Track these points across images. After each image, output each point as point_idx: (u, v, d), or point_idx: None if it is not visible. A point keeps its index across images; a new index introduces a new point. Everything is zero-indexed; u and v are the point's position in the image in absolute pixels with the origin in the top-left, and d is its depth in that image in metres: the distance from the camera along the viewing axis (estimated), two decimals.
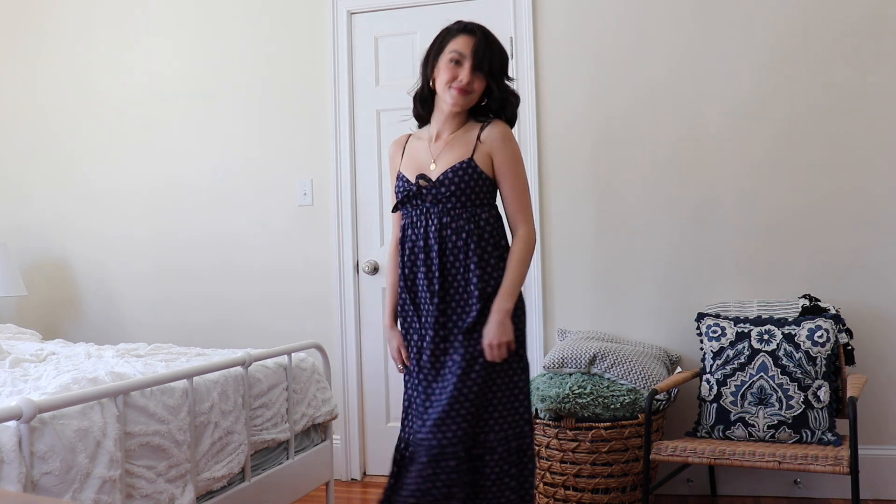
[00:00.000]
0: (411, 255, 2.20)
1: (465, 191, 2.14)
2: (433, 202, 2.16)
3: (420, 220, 2.19)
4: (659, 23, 3.39)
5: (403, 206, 2.23)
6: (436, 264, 2.15)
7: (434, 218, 2.16)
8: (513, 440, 2.16)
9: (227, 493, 2.32)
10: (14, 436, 1.67)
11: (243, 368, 2.45)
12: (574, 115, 3.47)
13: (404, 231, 2.23)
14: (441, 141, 2.22)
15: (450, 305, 2.16)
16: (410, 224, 2.21)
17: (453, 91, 2.14)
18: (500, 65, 2.17)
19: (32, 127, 4.23)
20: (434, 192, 2.15)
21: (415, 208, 2.20)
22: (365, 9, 3.72)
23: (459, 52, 2.13)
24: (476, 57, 2.12)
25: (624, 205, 3.41)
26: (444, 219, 2.16)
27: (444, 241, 2.16)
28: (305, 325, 3.75)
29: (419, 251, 2.18)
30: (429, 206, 2.17)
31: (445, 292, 2.15)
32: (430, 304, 2.16)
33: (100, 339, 3.95)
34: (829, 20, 3.23)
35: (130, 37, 4.07)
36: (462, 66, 2.13)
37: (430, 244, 2.16)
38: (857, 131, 3.19)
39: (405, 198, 2.21)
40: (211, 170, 3.92)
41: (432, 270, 2.16)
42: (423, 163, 2.22)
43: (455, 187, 2.14)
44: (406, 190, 2.20)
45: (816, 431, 2.74)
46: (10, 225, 4.24)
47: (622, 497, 2.94)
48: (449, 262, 2.15)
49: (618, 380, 3.03)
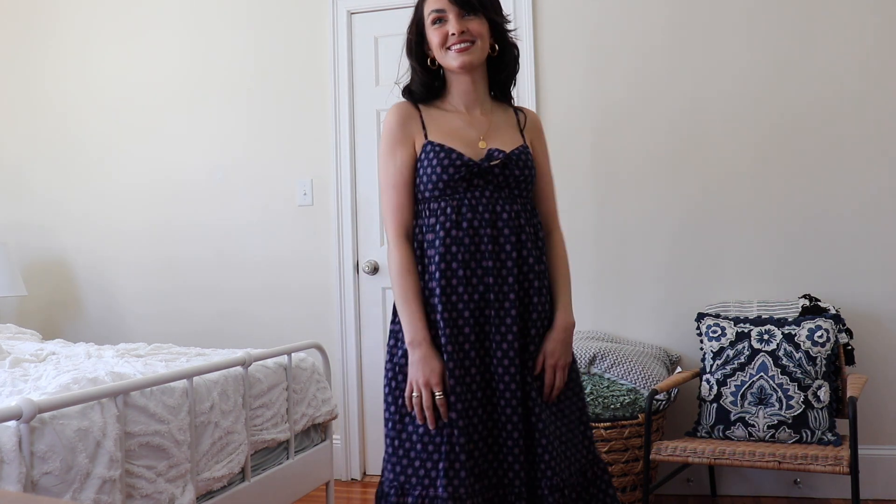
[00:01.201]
0: (472, 248, 1.75)
1: (531, 178, 1.83)
2: (500, 185, 1.78)
3: (483, 205, 1.77)
4: (659, 21, 3.39)
5: (456, 186, 1.77)
6: (513, 258, 1.76)
7: (504, 203, 1.78)
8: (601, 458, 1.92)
9: (227, 493, 2.32)
10: (14, 436, 1.67)
11: (243, 368, 2.45)
12: (573, 114, 3.47)
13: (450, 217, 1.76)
14: (479, 117, 1.86)
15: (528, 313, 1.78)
16: (468, 208, 1.76)
17: (452, 51, 1.79)
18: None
19: (32, 126, 4.23)
20: (507, 174, 1.78)
21: (472, 189, 1.77)
22: (365, 9, 3.72)
23: (436, 8, 1.81)
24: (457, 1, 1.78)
25: (624, 204, 3.41)
26: (514, 206, 1.79)
27: (519, 233, 1.78)
28: (305, 325, 3.75)
29: (482, 241, 1.75)
30: (492, 189, 1.78)
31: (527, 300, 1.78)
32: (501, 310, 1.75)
33: (100, 339, 3.95)
34: (833, 15, 3.22)
35: (132, 34, 4.07)
36: (446, 20, 1.79)
37: (497, 234, 1.76)
38: (858, 131, 3.19)
39: (465, 174, 1.76)
40: (211, 170, 3.92)
41: (506, 266, 1.76)
42: (469, 137, 1.82)
43: (528, 172, 1.81)
44: (467, 164, 1.76)
45: (816, 431, 2.74)
46: (10, 224, 4.24)
47: (622, 497, 2.94)
48: (522, 259, 1.78)
49: (618, 380, 3.03)
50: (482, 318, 1.75)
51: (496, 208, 1.77)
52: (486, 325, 1.75)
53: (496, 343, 1.74)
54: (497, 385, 1.74)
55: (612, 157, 3.43)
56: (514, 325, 1.74)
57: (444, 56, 1.81)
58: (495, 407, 1.74)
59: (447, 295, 1.74)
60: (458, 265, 1.75)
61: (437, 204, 1.78)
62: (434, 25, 1.81)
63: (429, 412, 1.71)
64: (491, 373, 1.75)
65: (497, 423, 1.74)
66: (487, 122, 1.85)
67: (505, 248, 1.76)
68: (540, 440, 1.72)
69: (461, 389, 1.71)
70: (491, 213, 1.77)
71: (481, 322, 1.75)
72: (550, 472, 1.71)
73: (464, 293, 1.74)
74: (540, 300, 1.79)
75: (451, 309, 1.74)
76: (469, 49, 1.78)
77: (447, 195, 1.78)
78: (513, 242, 1.76)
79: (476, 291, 1.75)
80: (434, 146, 1.79)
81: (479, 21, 1.79)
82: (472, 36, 1.78)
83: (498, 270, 1.75)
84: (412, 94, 1.88)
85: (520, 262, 1.77)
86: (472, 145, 1.80)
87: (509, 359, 1.73)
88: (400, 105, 1.88)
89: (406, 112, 1.86)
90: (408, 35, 1.90)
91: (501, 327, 1.74)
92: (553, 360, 1.80)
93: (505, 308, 1.74)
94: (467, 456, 1.69)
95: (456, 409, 1.70)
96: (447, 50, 1.80)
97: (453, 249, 1.75)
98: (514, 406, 1.72)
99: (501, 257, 1.76)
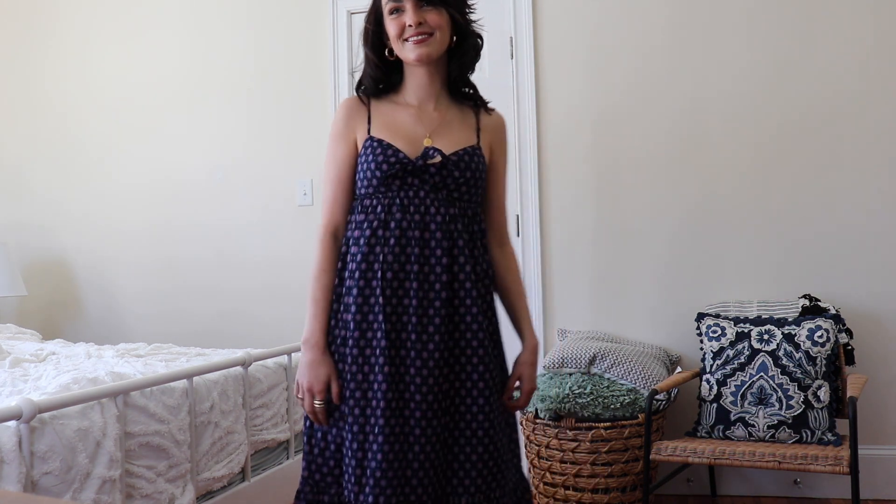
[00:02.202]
0: (396, 248, 1.67)
1: (478, 182, 1.73)
2: (436, 186, 1.69)
3: (414, 205, 1.68)
4: (659, 21, 3.39)
5: (390, 183, 1.69)
6: (442, 264, 1.66)
7: (438, 205, 1.68)
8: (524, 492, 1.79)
9: (227, 493, 2.32)
10: (14, 436, 1.67)
11: (243, 368, 2.45)
12: (573, 114, 3.47)
13: (378, 216, 1.69)
14: (431, 113, 1.76)
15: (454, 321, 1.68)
16: (399, 207, 1.68)
17: (409, 43, 1.69)
18: None
19: (32, 126, 4.23)
20: (444, 174, 1.69)
21: (406, 188, 1.69)
22: (365, 9, 3.67)
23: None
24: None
25: (624, 204, 3.41)
26: (451, 209, 1.69)
27: (452, 238, 1.68)
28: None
29: (410, 243, 1.67)
30: (428, 189, 1.69)
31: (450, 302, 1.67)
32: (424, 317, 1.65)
33: (100, 339, 3.95)
34: (833, 15, 3.22)
35: (132, 34, 4.07)
36: (403, 10, 1.70)
37: (428, 237, 1.67)
38: (858, 131, 3.19)
39: (399, 171, 1.68)
40: (211, 170, 3.92)
41: (434, 271, 1.67)
42: (413, 134, 1.72)
43: (470, 174, 1.71)
44: (402, 161, 1.68)
45: (816, 431, 2.74)
46: (10, 224, 4.24)
47: (622, 497, 2.94)
48: (458, 265, 1.68)
49: (618, 380, 3.03)
50: (399, 324, 1.65)
51: (430, 210, 1.68)
52: (402, 333, 1.65)
53: (415, 352, 1.64)
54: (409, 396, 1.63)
55: (612, 156, 3.43)
56: (436, 333, 1.64)
57: (401, 48, 1.72)
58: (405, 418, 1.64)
59: (364, 297, 1.67)
60: (381, 266, 1.66)
61: (369, 201, 1.72)
62: (391, 16, 1.72)
63: (311, 416, 1.69)
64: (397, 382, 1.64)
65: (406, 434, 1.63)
66: (439, 119, 1.75)
67: (435, 253, 1.67)
68: (458, 456, 1.66)
69: (360, 395, 1.64)
70: (422, 215, 1.68)
71: (398, 328, 1.65)
72: (474, 489, 1.64)
73: (380, 296, 1.65)
74: (479, 308, 1.68)
75: (366, 311, 1.66)
76: (426, 41, 1.69)
77: (381, 192, 1.70)
78: (444, 248, 1.67)
79: (395, 296, 1.66)
80: (373, 142, 1.71)
81: (437, 12, 1.69)
82: (430, 28, 1.69)
83: (424, 276, 1.66)
84: (362, 87, 1.80)
85: (453, 268, 1.67)
86: (415, 142, 1.71)
87: (428, 369, 1.63)
88: (348, 100, 1.81)
89: (352, 107, 1.78)
90: (365, 24, 1.81)
91: (423, 335, 1.64)
92: (530, 385, 1.75)
93: (429, 315, 1.65)
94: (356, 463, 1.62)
95: (353, 413, 1.64)
96: (404, 42, 1.71)
97: (377, 250, 1.67)
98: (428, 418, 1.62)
99: (431, 262, 1.67)
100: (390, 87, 1.80)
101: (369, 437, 1.62)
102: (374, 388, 1.64)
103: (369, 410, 1.64)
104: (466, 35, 1.75)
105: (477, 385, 1.67)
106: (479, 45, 1.78)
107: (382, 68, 1.78)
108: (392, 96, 1.80)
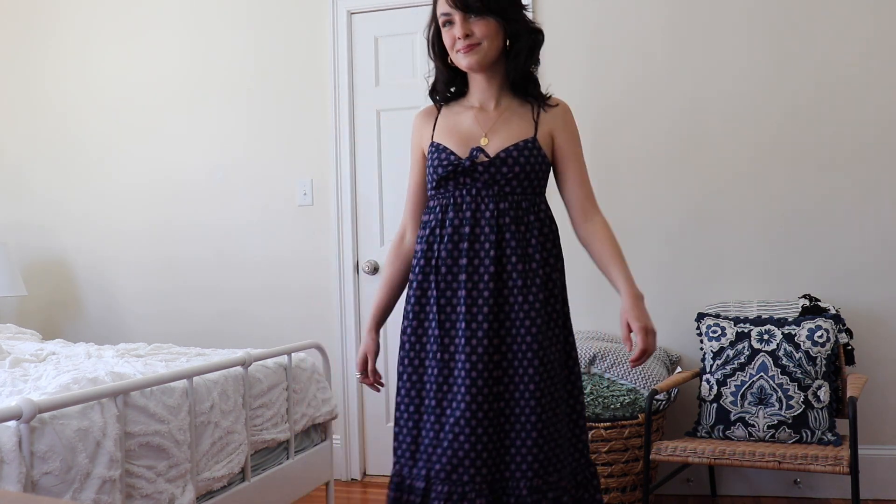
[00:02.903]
0: (450, 245, 1.81)
1: (530, 174, 1.83)
2: (487, 183, 1.81)
3: (466, 203, 1.82)
4: (659, 21, 3.39)
5: (446, 184, 1.83)
6: (491, 256, 1.78)
7: (489, 202, 1.81)
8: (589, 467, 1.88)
9: (227, 493, 2.32)
10: (14, 436, 1.67)
11: (243, 368, 2.45)
12: (574, 114, 3.46)
13: (437, 215, 1.85)
14: (490, 113, 1.88)
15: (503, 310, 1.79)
16: (452, 206, 1.83)
17: (459, 53, 1.82)
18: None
19: (32, 126, 4.23)
20: (492, 171, 1.81)
21: (460, 188, 1.83)
22: (365, 9, 3.72)
23: (444, 12, 1.82)
24: (459, 4, 1.79)
25: (623, 204, 3.41)
26: (501, 204, 1.81)
27: (501, 231, 1.80)
28: (305, 325, 3.75)
29: (462, 239, 1.81)
30: (480, 186, 1.81)
31: (499, 292, 1.79)
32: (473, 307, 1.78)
33: (100, 339, 3.95)
34: (833, 15, 3.22)
35: (132, 34, 4.07)
36: (454, 21, 1.81)
37: (478, 232, 1.80)
38: (858, 130, 3.19)
39: (451, 173, 1.82)
40: (211, 170, 3.92)
41: (483, 264, 1.79)
42: (472, 135, 1.86)
43: (520, 168, 1.81)
44: (454, 163, 1.82)
45: (816, 431, 2.74)
46: (10, 224, 4.24)
47: (622, 497, 2.94)
48: (505, 257, 1.80)
49: (618, 380, 3.03)
50: (453, 314, 1.80)
51: (480, 206, 1.81)
52: (455, 322, 1.79)
53: (465, 340, 1.77)
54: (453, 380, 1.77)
55: (613, 156, 3.43)
56: (484, 322, 1.77)
57: (455, 57, 1.85)
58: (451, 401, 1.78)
59: (423, 289, 1.84)
60: (438, 261, 1.82)
61: (432, 202, 1.88)
62: (445, 28, 1.84)
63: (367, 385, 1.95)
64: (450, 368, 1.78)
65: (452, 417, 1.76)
66: (497, 117, 1.87)
67: (484, 247, 1.79)
68: (514, 441, 1.75)
69: (416, 378, 1.83)
70: (473, 212, 1.81)
71: (452, 319, 1.80)
72: (531, 473, 1.73)
73: (434, 289, 1.81)
74: (526, 299, 1.78)
75: (423, 303, 1.84)
76: (475, 50, 1.81)
77: (440, 193, 1.86)
78: (492, 241, 1.79)
79: (449, 288, 1.80)
80: (434, 146, 1.87)
81: (483, 22, 1.79)
82: (477, 38, 1.80)
83: (474, 268, 1.79)
84: (436, 93, 1.96)
85: (501, 260, 1.79)
86: (471, 142, 1.84)
87: (477, 355, 1.75)
88: (420, 112, 1.99)
89: (421, 117, 1.97)
90: (427, 36, 1.92)
91: (472, 324, 1.77)
92: (639, 324, 1.82)
93: (478, 305, 1.78)
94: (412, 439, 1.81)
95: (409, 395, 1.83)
96: (456, 52, 1.83)
97: (434, 247, 1.83)
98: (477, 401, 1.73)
99: (480, 255, 1.79)
100: (460, 93, 1.94)
101: (423, 416, 1.80)
102: (429, 372, 1.81)
103: (424, 393, 1.82)
104: (519, 36, 1.85)
105: (528, 371, 1.77)
106: (535, 41, 1.88)
107: (448, 74, 1.92)
108: (461, 100, 1.94)
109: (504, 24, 1.82)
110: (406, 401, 1.83)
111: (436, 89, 1.95)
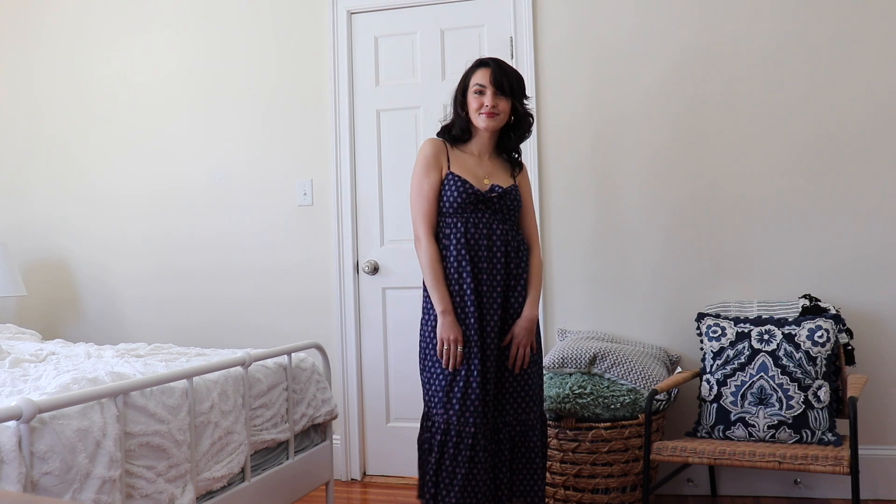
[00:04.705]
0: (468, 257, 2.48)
1: (518, 208, 2.59)
2: (496, 210, 2.51)
3: (483, 223, 2.50)
4: (659, 22, 3.39)
5: (466, 208, 2.49)
6: (502, 262, 2.51)
7: (498, 224, 2.52)
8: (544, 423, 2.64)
9: (227, 493, 2.31)
10: (14, 436, 1.67)
11: (243, 368, 2.45)
12: (573, 114, 3.47)
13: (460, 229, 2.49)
14: (486, 162, 2.58)
15: (508, 301, 2.54)
16: (473, 226, 2.49)
17: (482, 116, 2.50)
18: (518, 85, 2.53)
19: (32, 127, 4.23)
20: (502, 203, 2.52)
21: (475, 212, 2.50)
22: (365, 9, 3.72)
23: (480, 83, 2.50)
24: (495, 83, 2.48)
25: (624, 204, 3.41)
26: (504, 226, 2.53)
27: (507, 244, 2.52)
28: (305, 325, 3.75)
29: (483, 249, 2.49)
30: (490, 213, 2.51)
31: (508, 291, 2.53)
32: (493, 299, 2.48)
33: (100, 339, 3.95)
34: (831, 19, 3.22)
35: (130, 37, 4.07)
36: (485, 93, 2.48)
37: (493, 246, 2.50)
38: (857, 130, 3.19)
39: (476, 200, 2.48)
40: (211, 170, 3.93)
41: (497, 269, 2.50)
42: (478, 175, 2.54)
43: (514, 204, 2.56)
44: (474, 194, 2.49)
45: (816, 431, 2.74)
46: (10, 225, 4.24)
47: (622, 497, 2.94)
48: (513, 264, 2.53)
49: (618, 380, 3.02)
50: (479, 302, 2.48)
51: (492, 227, 2.52)
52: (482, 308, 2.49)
53: (488, 319, 2.49)
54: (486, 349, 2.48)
55: (613, 157, 3.43)
56: (499, 308, 2.51)
57: (476, 117, 2.53)
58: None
59: (459, 284, 2.48)
60: (465, 264, 2.49)
61: (451, 220, 2.52)
62: (475, 94, 2.51)
63: (453, 359, 2.43)
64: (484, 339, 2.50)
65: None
66: (491, 166, 2.60)
67: (497, 255, 2.51)
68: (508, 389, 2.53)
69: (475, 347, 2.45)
70: (487, 230, 2.51)
71: (479, 305, 2.48)
72: (515, 411, 2.53)
73: (467, 286, 2.48)
74: (521, 292, 2.56)
75: (461, 294, 2.48)
76: (495, 117, 2.52)
77: (459, 214, 2.51)
78: (503, 252, 2.52)
79: (476, 283, 2.48)
80: (454, 177, 2.51)
81: (506, 101, 2.52)
82: (499, 110, 2.51)
83: (490, 271, 2.50)
84: (449, 135, 2.58)
85: (507, 266, 2.53)
86: (479, 180, 2.53)
87: (495, 332, 2.50)
88: (434, 140, 2.59)
89: (439, 146, 2.57)
90: (456, 93, 2.60)
91: (491, 308, 2.49)
92: (517, 340, 2.52)
93: (493, 296, 2.50)
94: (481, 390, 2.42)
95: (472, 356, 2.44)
96: (480, 114, 2.51)
97: (462, 253, 2.48)
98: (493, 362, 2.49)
99: (493, 262, 2.51)
100: (461, 139, 2.60)
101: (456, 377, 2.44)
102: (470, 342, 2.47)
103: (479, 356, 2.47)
104: (523, 116, 2.58)
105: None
106: (530, 124, 2.62)
107: (464, 125, 2.56)
108: (461, 146, 2.60)
109: (515, 106, 2.54)
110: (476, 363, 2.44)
111: (450, 132, 2.58)
